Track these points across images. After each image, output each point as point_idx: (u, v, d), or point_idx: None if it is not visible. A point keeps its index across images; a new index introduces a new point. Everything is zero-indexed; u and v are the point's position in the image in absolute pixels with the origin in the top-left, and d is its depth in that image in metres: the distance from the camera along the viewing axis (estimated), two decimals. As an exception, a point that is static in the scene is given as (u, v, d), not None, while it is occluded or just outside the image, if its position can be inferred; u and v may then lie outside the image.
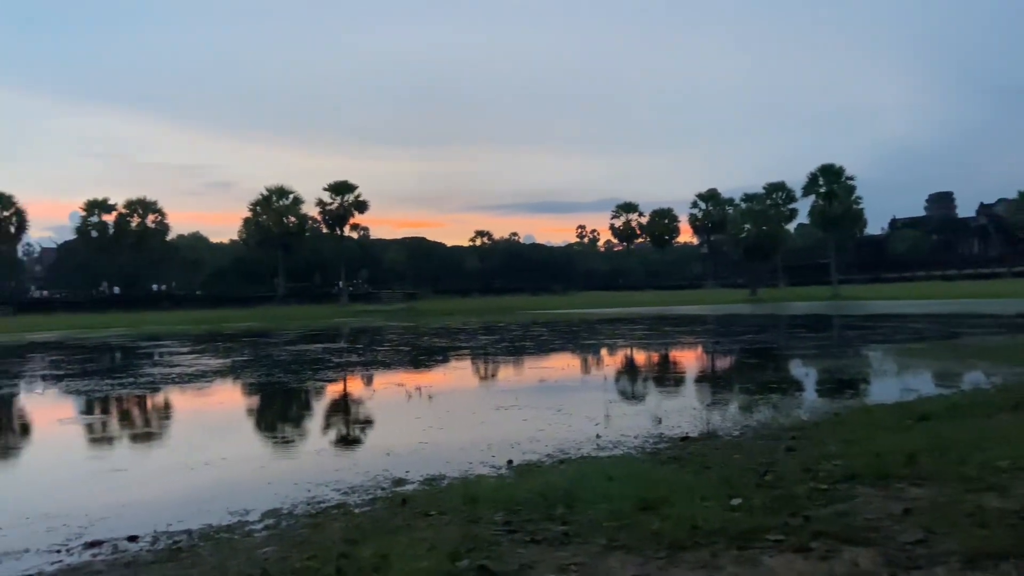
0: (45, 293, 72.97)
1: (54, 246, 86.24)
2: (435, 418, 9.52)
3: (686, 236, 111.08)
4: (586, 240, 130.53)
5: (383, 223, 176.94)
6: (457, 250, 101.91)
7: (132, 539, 4.92)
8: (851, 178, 75.22)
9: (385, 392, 12.54)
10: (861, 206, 76.29)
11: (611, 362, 17.56)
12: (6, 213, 72.84)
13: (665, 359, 18.19)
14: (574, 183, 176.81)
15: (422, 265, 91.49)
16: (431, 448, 7.66)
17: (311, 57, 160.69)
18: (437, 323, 36.66)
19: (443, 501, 5.17)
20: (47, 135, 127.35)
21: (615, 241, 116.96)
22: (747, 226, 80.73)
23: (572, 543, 4.09)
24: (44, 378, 16.99)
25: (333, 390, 13.54)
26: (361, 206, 79.65)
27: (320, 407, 11.85)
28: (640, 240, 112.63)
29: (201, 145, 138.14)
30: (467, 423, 9.25)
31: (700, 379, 13.88)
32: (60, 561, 4.58)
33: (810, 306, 46.98)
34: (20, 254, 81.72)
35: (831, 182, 74.42)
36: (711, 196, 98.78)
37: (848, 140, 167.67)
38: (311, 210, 78.85)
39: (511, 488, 5.31)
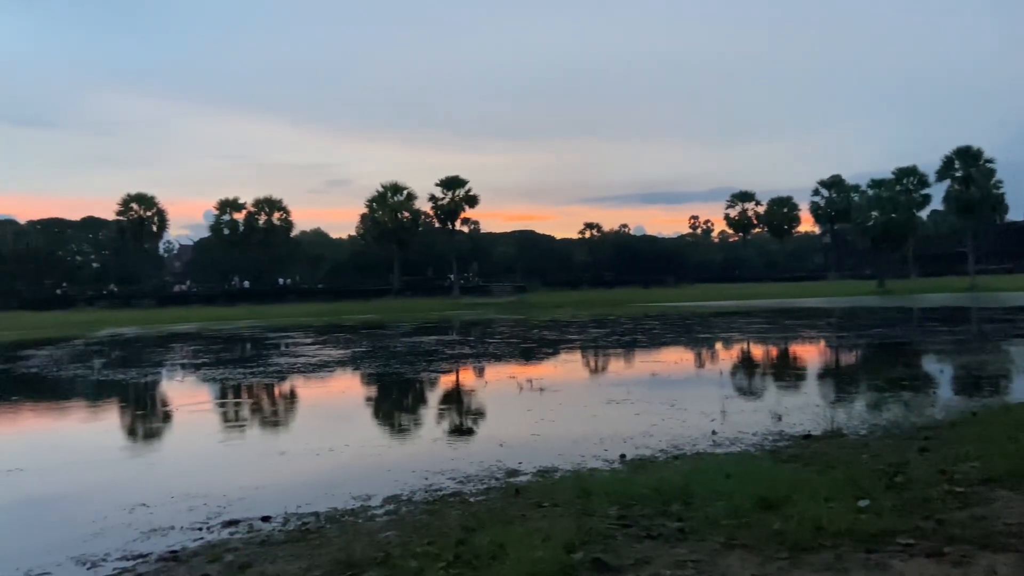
0: (183, 287, 78.28)
1: (191, 243, 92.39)
2: (546, 410, 9.58)
3: (807, 225, 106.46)
4: (699, 231, 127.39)
5: (493, 217, 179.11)
6: (566, 243, 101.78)
7: (265, 519, 5.23)
8: (990, 161, 69.82)
9: (497, 384, 12.72)
10: (1001, 190, 70.74)
11: (727, 356, 17.09)
12: (149, 213, 78.69)
13: (785, 354, 17.53)
14: (686, 172, 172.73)
15: (531, 258, 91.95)
16: (543, 440, 7.72)
17: (423, 56, 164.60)
18: (547, 316, 36.80)
19: (556, 493, 5.20)
20: (184, 139, 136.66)
21: (730, 231, 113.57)
22: (875, 214, 76.42)
23: (689, 540, 4.02)
24: (183, 366, 18.25)
25: (446, 381, 13.87)
26: (472, 200, 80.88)
27: (434, 397, 12.16)
28: (757, 230, 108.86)
29: (321, 145, 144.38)
30: (578, 416, 9.26)
31: (823, 375, 13.31)
32: (201, 538, 4.93)
33: (945, 298, 44.02)
34: (161, 251, 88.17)
35: (968, 165, 69.31)
36: (835, 183, 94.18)
37: (987, 120, 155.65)
38: (424, 205, 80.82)
39: (625, 482, 5.28)
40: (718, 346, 19.83)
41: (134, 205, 77.29)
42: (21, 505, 6.17)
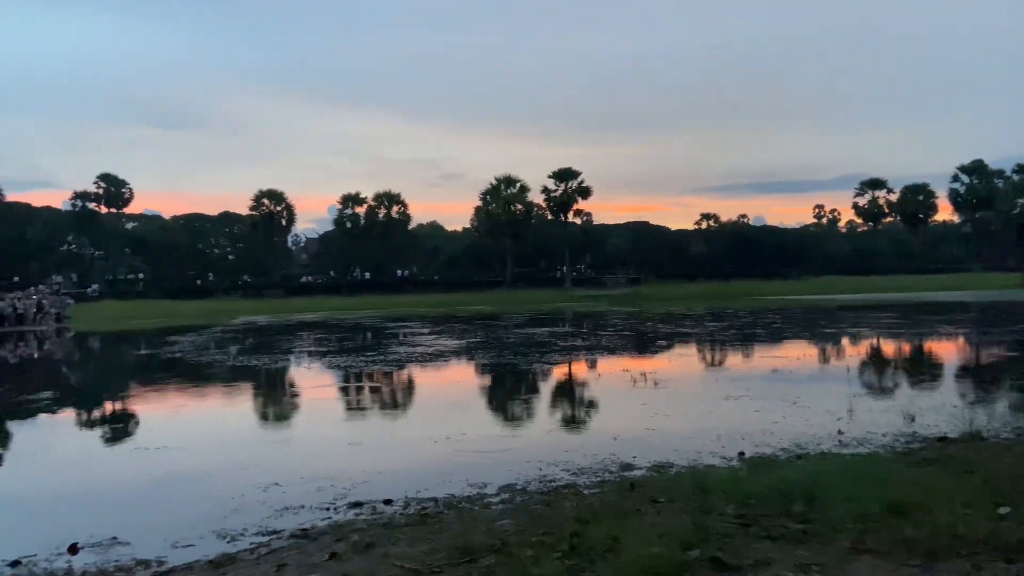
0: (309, 278, 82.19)
1: (316, 236, 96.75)
2: (661, 405, 9.45)
3: (945, 214, 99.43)
4: (824, 221, 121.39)
5: (606, 208, 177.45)
6: (682, 234, 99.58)
7: (387, 502, 5.45)
8: None
9: (610, 377, 12.65)
10: None
11: (854, 353, 16.28)
12: (278, 208, 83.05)
13: (919, 351, 16.52)
14: (810, 159, 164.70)
15: (645, 250, 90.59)
16: (658, 435, 7.63)
17: (536, 48, 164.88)
18: (661, 309, 36.21)
19: (672, 489, 5.14)
20: (310, 137, 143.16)
21: (859, 221, 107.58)
22: (1020, 201, 70.52)
23: (812, 542, 3.89)
24: (310, 354, 19.19)
25: (559, 373, 13.92)
26: (584, 192, 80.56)
27: (547, 389, 12.24)
28: (889, 220, 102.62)
29: (437, 139, 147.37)
30: (695, 411, 9.09)
31: (961, 374, 12.45)
32: (329, 518, 5.19)
33: (1104, 292, 40.12)
34: (290, 244, 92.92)
35: None
36: (976, 168, 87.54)
37: None
38: (537, 197, 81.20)
39: (744, 481, 5.15)
40: (845, 342, 18.92)
41: (265, 201, 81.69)
42: (168, 481, 6.69)
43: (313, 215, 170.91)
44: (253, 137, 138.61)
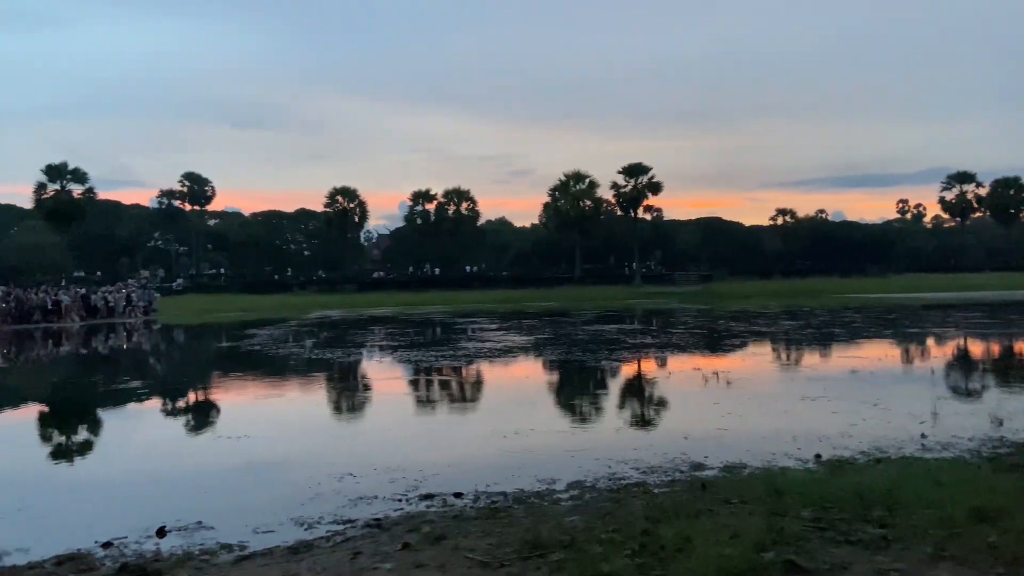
0: (381, 274, 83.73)
1: (388, 232, 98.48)
2: (734, 404, 9.28)
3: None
4: (908, 216, 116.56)
5: (677, 204, 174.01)
6: (756, 230, 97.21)
7: (457, 495, 5.53)
8: None
9: (681, 375, 12.49)
10: None
11: (939, 353, 15.63)
12: (352, 205, 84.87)
13: (1008, 352, 15.74)
14: (893, 152, 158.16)
15: (717, 246, 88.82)
16: (731, 435, 7.50)
17: (604, 43, 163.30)
18: (734, 306, 35.50)
19: (745, 490, 5.05)
20: (382, 135, 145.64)
21: (945, 216, 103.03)
22: (1125, 194, 66.26)
23: (892, 548, 3.76)
24: (381, 348, 19.58)
25: (629, 370, 13.82)
26: (655, 187, 79.57)
27: (616, 386, 12.17)
28: (978, 215, 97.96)
29: (505, 136, 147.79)
30: (769, 412, 8.89)
31: (1056, 377, 11.80)
32: (401, 509, 5.30)
33: None
34: (362, 240, 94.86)
35: None
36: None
37: None
38: (606, 193, 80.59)
39: (821, 484, 5.02)
40: (929, 342, 18.18)
41: (339, 198, 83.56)
42: (248, 468, 6.95)
43: (385, 212, 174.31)
44: (328, 136, 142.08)
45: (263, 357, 17.27)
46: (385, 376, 14.22)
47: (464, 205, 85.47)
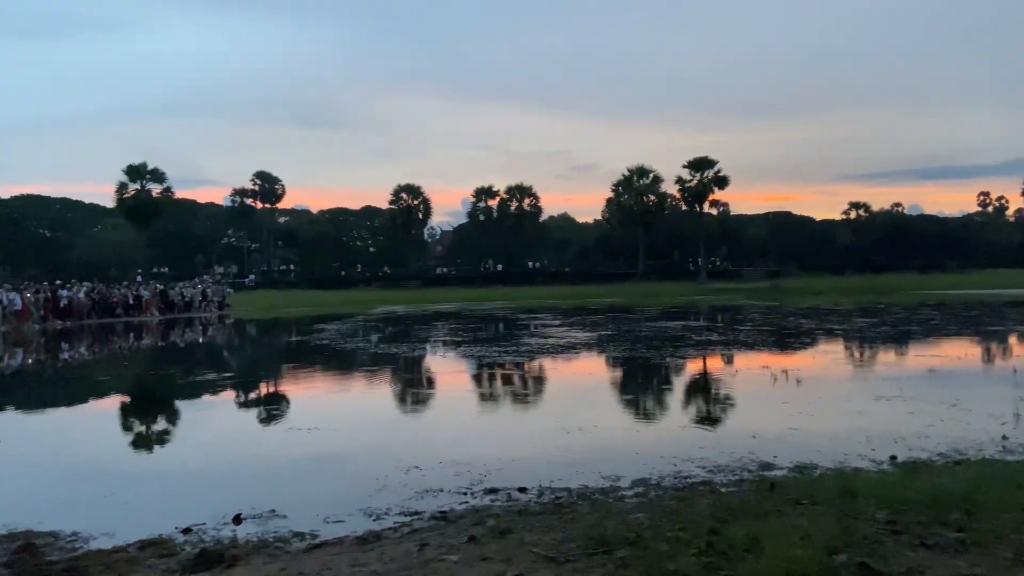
0: (444, 270, 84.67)
1: (451, 229, 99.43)
2: (804, 403, 9.07)
3: None
4: (990, 209, 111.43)
5: (744, 198, 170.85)
6: (827, 224, 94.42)
7: (522, 490, 5.56)
8: None
9: (748, 373, 12.25)
10: None
11: (1022, 352, 14.92)
12: (416, 202, 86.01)
13: (1100, 352, 14.92)
14: (974, 142, 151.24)
15: (787, 241, 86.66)
16: (801, 435, 7.33)
17: (668, 35, 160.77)
18: (804, 303, 34.59)
19: (816, 491, 4.93)
20: (445, 132, 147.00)
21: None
22: None
23: (970, 552, 3.63)
24: (445, 343, 19.80)
25: (694, 368, 13.63)
26: (721, 182, 78.15)
27: (681, 384, 12.02)
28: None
29: (568, 131, 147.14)
30: (841, 411, 8.65)
31: None
32: (466, 502, 5.36)
33: None
34: (426, 236, 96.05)
35: None
36: None
37: None
38: (670, 188, 79.57)
39: (895, 486, 4.87)
40: (1012, 340, 17.37)
41: (404, 195, 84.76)
42: (318, 460, 7.13)
43: (448, 208, 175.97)
44: (393, 134, 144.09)
45: (331, 351, 17.67)
46: (449, 371, 14.38)
47: (527, 201, 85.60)
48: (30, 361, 19.06)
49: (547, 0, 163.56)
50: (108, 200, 77.76)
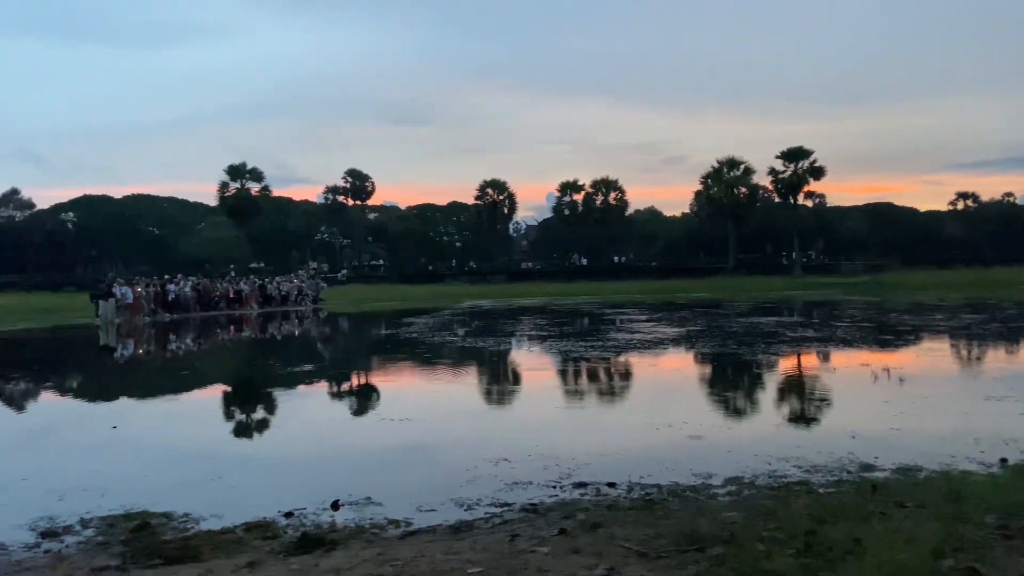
0: (529, 264, 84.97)
1: (536, 223, 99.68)
2: (907, 403, 8.68)
3: None
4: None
5: (841, 189, 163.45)
6: (933, 215, 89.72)
7: (611, 485, 5.54)
8: None
9: (847, 371, 11.81)
10: None
11: None
12: (501, 197, 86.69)
13: None
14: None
15: (887, 233, 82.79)
16: (904, 435, 7.02)
17: (759, 23, 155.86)
18: (907, 298, 33.03)
19: (920, 493, 4.73)
20: (530, 127, 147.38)
21: None
22: None
23: (1092, 563, 3.41)
24: (530, 337, 19.89)
25: (788, 365, 13.24)
26: (816, 172, 75.44)
27: (775, 381, 11.69)
28: None
29: (654, 123, 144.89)
30: (947, 412, 8.24)
31: None
32: (555, 496, 5.39)
33: None
34: (511, 231, 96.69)
35: None
36: None
37: None
38: (762, 180, 77.44)
39: (1007, 489, 4.61)
40: None
41: (489, 190, 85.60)
42: (410, 450, 7.31)
43: (533, 203, 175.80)
44: (479, 129, 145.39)
45: (420, 344, 18.03)
46: (535, 365, 14.44)
47: (612, 195, 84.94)
48: (141, 351, 20.25)
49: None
50: (211, 199, 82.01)
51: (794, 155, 75.35)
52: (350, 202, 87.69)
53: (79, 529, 4.91)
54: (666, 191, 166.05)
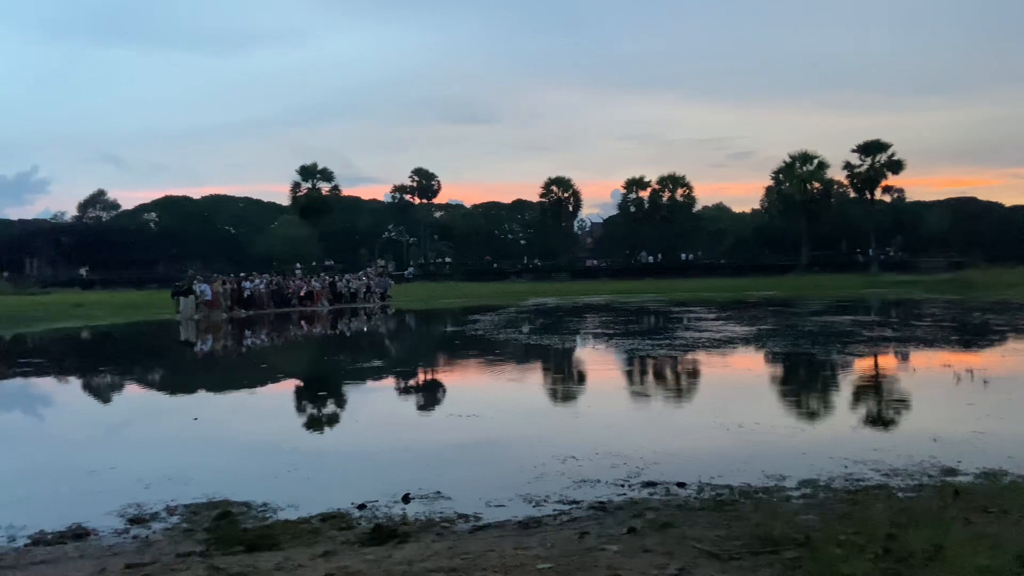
0: (594, 262, 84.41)
1: (600, 221, 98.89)
2: (992, 406, 8.31)
3: None
4: None
5: (921, 183, 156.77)
6: (1019, 210, 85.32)
7: (681, 485, 5.49)
8: None
9: (927, 372, 11.38)
10: None
11: None
12: (565, 194, 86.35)
13: None
14: None
15: (971, 229, 79.08)
16: (989, 439, 6.72)
17: (825, 13, 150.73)
18: (993, 297, 31.56)
19: (1006, 499, 4.55)
20: (594, 124, 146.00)
21: None
22: None
23: None
24: (596, 335, 19.79)
25: (865, 365, 12.83)
26: (895, 166, 72.69)
27: (851, 381, 11.34)
28: None
29: (722, 118, 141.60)
30: (1036, 415, 7.86)
31: None
32: (624, 494, 5.37)
33: None
34: (575, 228, 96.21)
35: None
36: None
37: None
38: (837, 174, 74.97)
39: (1105, 499, 4.38)
40: None
41: (554, 188, 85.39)
42: (478, 445, 7.39)
43: (598, 200, 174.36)
44: (543, 127, 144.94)
45: (485, 341, 18.16)
46: (601, 363, 14.37)
47: (680, 191, 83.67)
48: (219, 346, 21.00)
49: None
50: (283, 198, 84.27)
51: (871, 148, 72.77)
52: (417, 201, 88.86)
53: (165, 516, 5.15)
54: (735, 187, 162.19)
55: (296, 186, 79.66)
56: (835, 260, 72.58)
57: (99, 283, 61.51)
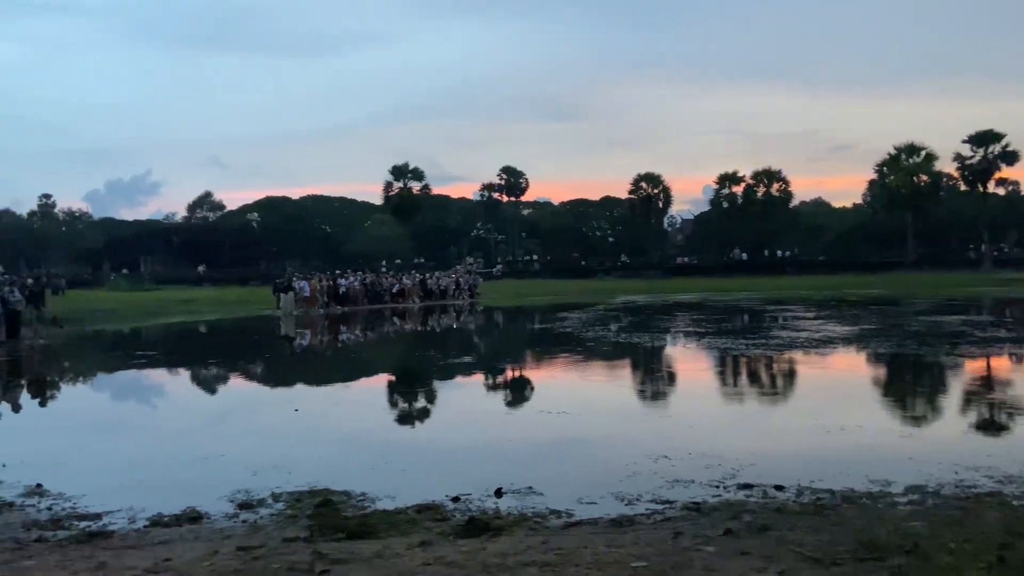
0: (685, 259, 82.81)
1: (691, 217, 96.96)
2: (1123, 413, 7.71)
3: None
4: None
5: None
6: None
7: (779, 488, 5.35)
8: None
9: (1047, 375, 10.67)
10: None
11: None
12: (655, 191, 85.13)
13: None
14: None
15: (1097, 223, 73.54)
16: (1119, 449, 6.26)
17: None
18: (1121, 295, 29.23)
19: None
20: (684, 119, 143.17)
21: None
22: None
23: None
24: (687, 334, 19.44)
25: (976, 367, 12.13)
26: (1009, 157, 68.28)
27: (961, 385, 10.75)
28: None
29: (819, 110, 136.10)
30: None
31: None
32: (719, 496, 5.28)
33: None
34: (665, 225, 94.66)
35: None
36: None
37: None
38: (946, 166, 71.12)
39: None
40: None
41: (643, 184, 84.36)
42: (569, 442, 7.41)
43: (689, 196, 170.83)
44: (632, 123, 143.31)
45: (574, 339, 18.13)
46: (694, 362, 14.12)
47: (775, 186, 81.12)
48: (317, 341, 21.77)
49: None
50: (376, 197, 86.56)
51: (984, 139, 68.58)
52: (505, 198, 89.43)
53: (271, 502, 5.40)
54: (834, 181, 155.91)
55: (388, 185, 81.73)
56: (944, 257, 68.76)
57: (206, 280, 64.79)
